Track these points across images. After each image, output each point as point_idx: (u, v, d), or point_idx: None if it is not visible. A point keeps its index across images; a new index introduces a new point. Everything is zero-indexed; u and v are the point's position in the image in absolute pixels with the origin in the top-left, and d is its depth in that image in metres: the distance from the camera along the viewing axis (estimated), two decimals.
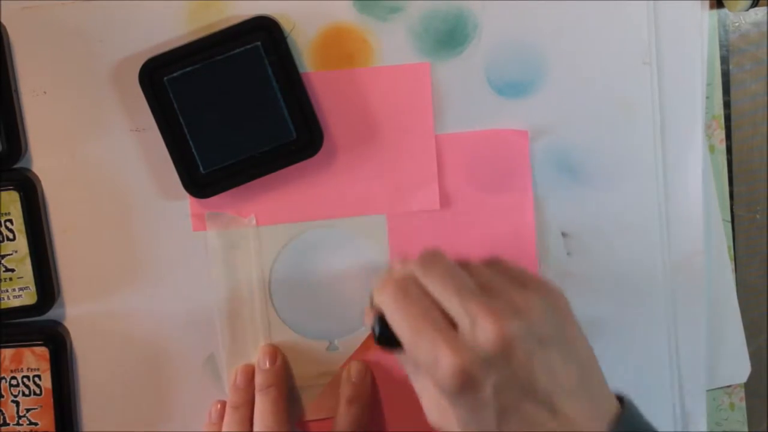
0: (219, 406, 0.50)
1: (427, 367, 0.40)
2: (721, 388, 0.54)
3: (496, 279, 0.43)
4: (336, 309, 0.50)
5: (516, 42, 0.49)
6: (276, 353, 0.50)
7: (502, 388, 0.39)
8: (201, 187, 0.47)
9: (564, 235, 0.51)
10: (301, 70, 0.48)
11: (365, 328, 0.50)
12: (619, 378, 0.51)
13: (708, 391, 0.53)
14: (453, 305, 0.40)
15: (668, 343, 0.52)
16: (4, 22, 0.46)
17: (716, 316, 0.53)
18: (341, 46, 0.49)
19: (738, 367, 0.54)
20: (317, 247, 0.50)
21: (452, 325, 0.40)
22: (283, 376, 0.50)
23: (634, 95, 0.50)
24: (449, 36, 0.49)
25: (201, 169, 0.47)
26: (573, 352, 0.42)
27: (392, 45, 0.49)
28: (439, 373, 0.39)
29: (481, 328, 0.39)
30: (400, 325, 0.41)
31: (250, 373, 0.50)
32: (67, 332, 0.49)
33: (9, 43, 0.46)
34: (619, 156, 0.50)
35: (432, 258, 0.42)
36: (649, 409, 0.52)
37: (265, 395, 0.49)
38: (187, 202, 0.49)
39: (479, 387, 0.39)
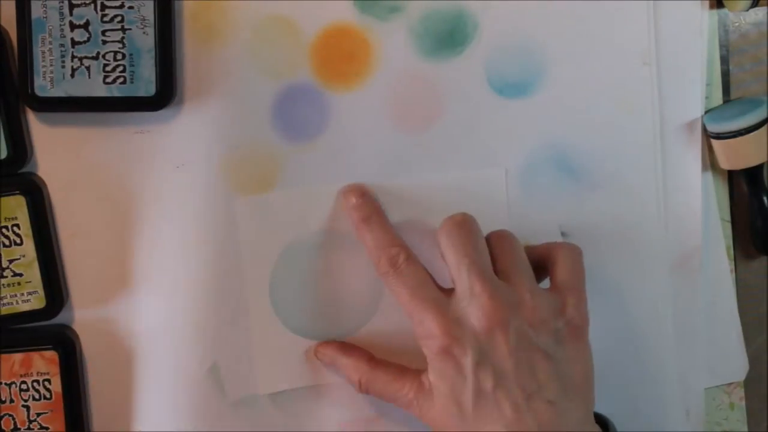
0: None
1: (417, 332, 0.42)
2: (720, 386, 0.54)
3: (515, 266, 0.43)
4: (336, 309, 0.50)
5: (516, 42, 0.49)
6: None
7: (479, 370, 0.40)
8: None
9: (564, 235, 0.51)
10: (300, 70, 0.48)
11: None
12: (618, 377, 0.52)
13: (707, 390, 0.54)
14: (461, 277, 0.42)
15: (667, 342, 0.52)
16: (5, 25, 0.46)
17: (715, 315, 0.53)
18: (341, 46, 0.48)
19: (736, 366, 0.54)
20: (317, 248, 0.50)
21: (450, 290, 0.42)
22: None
23: (634, 95, 0.50)
24: (449, 36, 0.49)
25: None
26: (563, 370, 0.42)
27: (392, 45, 0.49)
28: (423, 334, 0.42)
29: (475, 309, 0.41)
30: (396, 291, 0.44)
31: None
32: (76, 336, 0.48)
33: (12, 48, 0.46)
34: (619, 156, 0.50)
35: (461, 222, 0.43)
36: (648, 408, 0.52)
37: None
38: None
39: (457, 359, 0.40)
